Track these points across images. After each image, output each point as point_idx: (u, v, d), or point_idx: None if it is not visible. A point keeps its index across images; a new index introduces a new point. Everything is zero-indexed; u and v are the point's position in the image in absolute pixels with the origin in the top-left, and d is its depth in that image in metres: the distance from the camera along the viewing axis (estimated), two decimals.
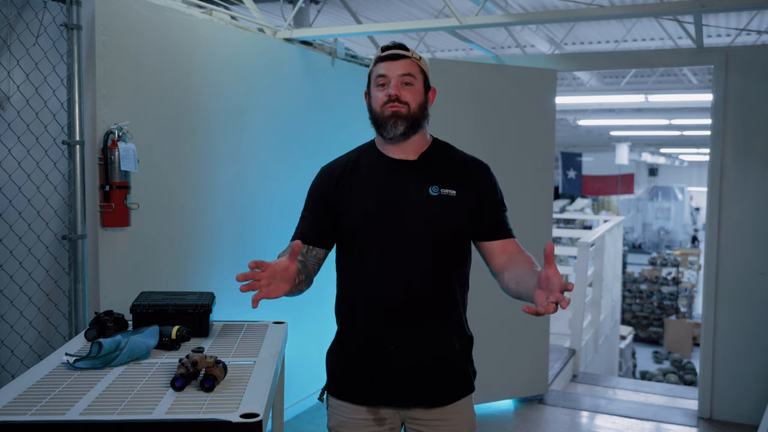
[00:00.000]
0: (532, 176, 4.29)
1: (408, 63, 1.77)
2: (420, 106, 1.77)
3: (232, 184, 3.43)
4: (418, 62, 1.80)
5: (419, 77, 1.79)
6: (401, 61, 1.77)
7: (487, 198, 1.82)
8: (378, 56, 1.80)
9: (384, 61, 1.78)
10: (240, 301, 3.45)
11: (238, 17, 3.53)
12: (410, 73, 1.76)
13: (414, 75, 1.77)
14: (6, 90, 2.61)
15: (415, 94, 1.77)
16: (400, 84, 1.75)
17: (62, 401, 1.59)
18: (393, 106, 1.74)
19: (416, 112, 1.76)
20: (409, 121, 1.75)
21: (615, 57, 4.74)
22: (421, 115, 1.78)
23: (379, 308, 1.75)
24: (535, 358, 4.41)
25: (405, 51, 1.79)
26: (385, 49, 1.80)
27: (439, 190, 1.76)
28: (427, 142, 1.85)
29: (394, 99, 1.74)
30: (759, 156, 4.01)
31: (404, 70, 1.76)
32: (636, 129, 14.67)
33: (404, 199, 1.75)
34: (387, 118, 1.75)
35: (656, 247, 24.18)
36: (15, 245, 2.54)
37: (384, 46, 1.82)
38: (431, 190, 1.75)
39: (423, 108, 1.79)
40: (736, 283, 4.09)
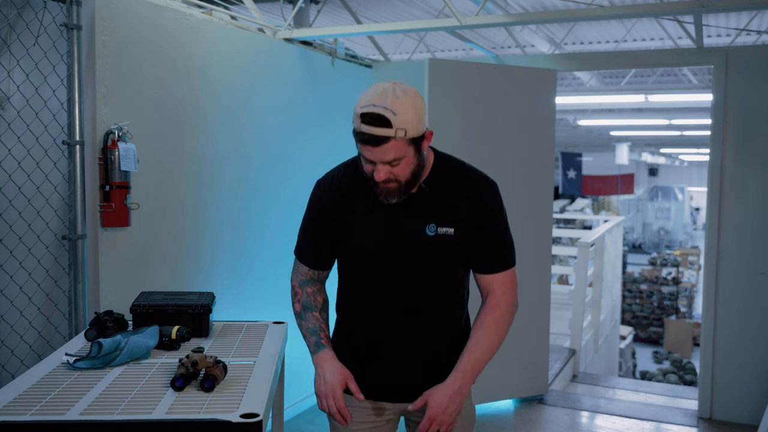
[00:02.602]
0: (532, 176, 4.29)
1: (393, 147, 1.56)
2: (413, 172, 1.64)
3: (232, 183, 3.43)
4: (404, 138, 1.56)
5: (409, 149, 1.59)
6: (384, 146, 1.56)
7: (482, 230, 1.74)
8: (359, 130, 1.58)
9: (365, 143, 1.58)
10: (240, 301, 3.46)
11: (238, 17, 3.53)
12: (397, 157, 1.58)
13: (402, 155, 1.58)
14: (6, 90, 2.61)
15: (406, 167, 1.61)
16: (386, 166, 1.60)
17: (62, 401, 1.59)
18: (383, 184, 1.63)
19: (409, 180, 1.64)
20: (401, 191, 1.65)
21: (615, 57, 4.74)
22: (416, 176, 1.65)
23: (378, 319, 1.78)
24: (535, 358, 4.41)
25: (387, 129, 1.54)
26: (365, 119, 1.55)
27: (436, 230, 1.70)
28: (429, 164, 1.73)
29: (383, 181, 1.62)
30: (759, 156, 4.01)
31: (390, 156, 1.57)
32: (636, 129, 14.67)
33: (401, 237, 1.72)
34: (377, 189, 1.65)
35: (656, 247, 24.19)
36: (15, 245, 2.54)
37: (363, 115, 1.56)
38: (428, 230, 1.71)
39: (417, 169, 1.64)
40: (736, 283, 4.08)
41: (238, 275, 3.46)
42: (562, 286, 10.03)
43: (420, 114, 1.59)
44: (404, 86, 1.62)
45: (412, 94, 1.61)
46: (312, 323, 1.79)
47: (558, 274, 12.02)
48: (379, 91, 1.58)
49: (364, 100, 1.59)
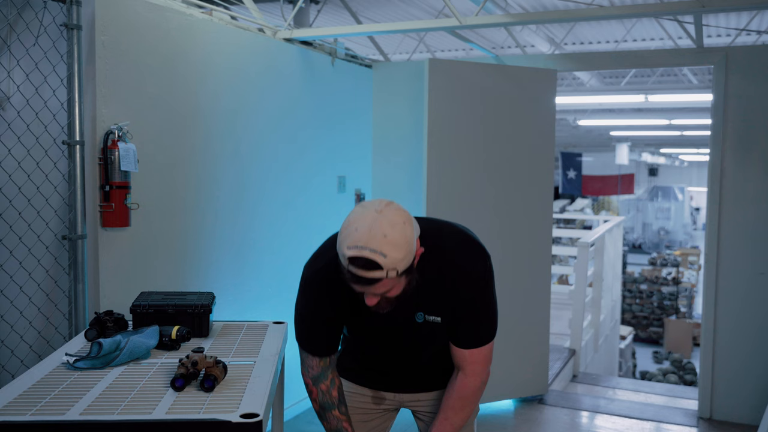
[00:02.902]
0: (532, 176, 4.29)
1: (383, 284, 1.51)
2: (405, 290, 1.58)
3: (232, 183, 3.43)
4: (395, 275, 1.50)
5: (400, 279, 1.54)
6: (374, 285, 1.51)
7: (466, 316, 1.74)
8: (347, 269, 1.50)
9: (356, 283, 1.52)
10: (240, 301, 3.46)
11: (238, 17, 3.53)
12: (387, 290, 1.54)
13: (392, 286, 1.54)
14: (6, 90, 2.61)
15: (397, 290, 1.57)
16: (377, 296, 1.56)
17: (62, 401, 1.59)
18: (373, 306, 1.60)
19: (400, 297, 1.59)
20: (391, 306, 1.62)
21: (615, 57, 4.74)
22: (407, 293, 1.60)
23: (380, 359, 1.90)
24: (535, 358, 4.41)
25: (377, 272, 1.48)
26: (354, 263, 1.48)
27: (424, 317, 1.74)
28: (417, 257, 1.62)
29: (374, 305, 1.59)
30: (759, 156, 4.00)
31: (379, 291, 1.54)
32: (636, 129, 14.67)
33: (393, 323, 1.75)
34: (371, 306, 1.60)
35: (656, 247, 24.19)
36: (15, 245, 2.54)
37: (352, 259, 1.48)
38: (417, 317, 1.75)
39: (408, 287, 1.59)
40: (736, 283, 4.08)
41: (238, 275, 3.46)
42: (562, 286, 10.03)
43: (410, 246, 1.51)
44: (391, 214, 1.51)
45: (401, 223, 1.50)
46: (334, 423, 1.82)
47: (558, 274, 12.03)
48: (366, 227, 1.48)
49: (350, 238, 1.49)
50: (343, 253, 1.50)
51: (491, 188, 4.18)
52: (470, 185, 4.09)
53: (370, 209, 1.52)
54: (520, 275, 4.25)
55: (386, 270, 1.48)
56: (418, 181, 4.38)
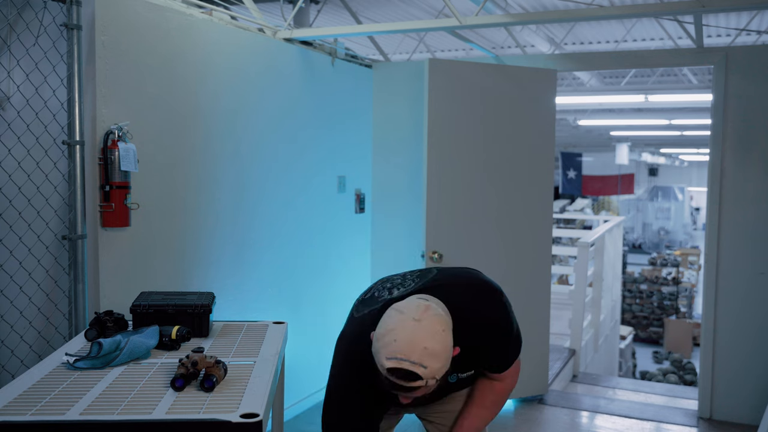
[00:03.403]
0: (532, 176, 4.29)
1: (421, 390, 1.51)
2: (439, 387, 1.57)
3: (232, 183, 3.43)
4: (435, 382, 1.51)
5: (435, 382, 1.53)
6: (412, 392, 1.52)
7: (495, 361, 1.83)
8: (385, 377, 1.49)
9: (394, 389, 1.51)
10: (240, 301, 3.46)
11: (238, 17, 3.53)
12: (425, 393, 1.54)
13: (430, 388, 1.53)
14: (6, 90, 2.61)
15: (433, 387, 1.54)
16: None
17: (62, 401, 1.59)
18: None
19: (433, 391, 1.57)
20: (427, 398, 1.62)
21: (615, 57, 4.74)
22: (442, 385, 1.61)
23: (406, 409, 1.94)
24: (535, 358, 4.41)
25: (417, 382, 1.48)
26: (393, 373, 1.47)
27: (457, 377, 1.79)
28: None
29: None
30: (759, 156, 4.00)
31: (418, 394, 1.53)
32: (636, 129, 14.66)
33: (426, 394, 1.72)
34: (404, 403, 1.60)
35: (656, 247, 24.19)
36: (15, 245, 2.54)
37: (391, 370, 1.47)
38: (450, 378, 1.78)
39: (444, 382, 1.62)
40: (736, 283, 4.08)
41: (238, 275, 3.46)
42: (562, 286, 10.03)
43: (449, 353, 1.51)
44: (430, 323, 1.50)
45: (440, 332, 1.50)
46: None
47: (558, 274, 12.02)
48: (406, 339, 1.46)
49: (390, 349, 1.47)
50: (381, 363, 1.48)
51: (491, 188, 4.18)
52: (470, 185, 4.09)
53: (408, 316, 1.50)
54: (520, 275, 4.25)
55: (426, 380, 1.48)
56: (418, 181, 4.38)
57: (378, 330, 1.52)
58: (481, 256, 4.12)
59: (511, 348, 1.83)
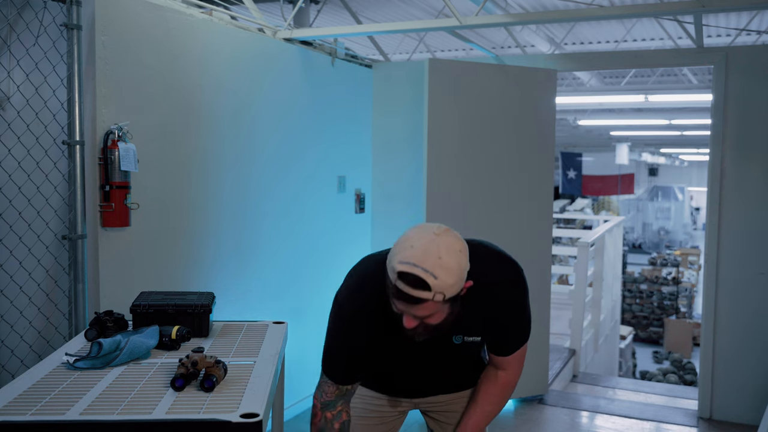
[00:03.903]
0: (532, 176, 4.29)
1: (428, 306, 1.47)
2: (446, 320, 1.53)
3: (232, 183, 3.43)
4: (442, 300, 1.47)
5: (444, 307, 1.50)
6: (419, 305, 1.47)
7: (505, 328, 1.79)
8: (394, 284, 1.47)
9: (400, 299, 1.48)
10: (240, 301, 3.46)
11: (238, 17, 3.53)
12: (430, 314, 1.50)
13: (435, 312, 1.50)
14: (6, 90, 2.61)
15: (438, 317, 1.52)
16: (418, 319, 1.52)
17: (62, 401, 1.59)
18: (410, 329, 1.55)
19: (440, 326, 1.54)
20: (429, 335, 1.57)
21: (615, 57, 4.74)
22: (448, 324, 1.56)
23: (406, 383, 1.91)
24: (535, 358, 4.41)
25: (425, 292, 1.44)
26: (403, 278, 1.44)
27: (462, 339, 1.74)
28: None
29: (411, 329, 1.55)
30: (759, 156, 4.00)
31: (422, 314, 1.49)
32: (636, 129, 14.66)
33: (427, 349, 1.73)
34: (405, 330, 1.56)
35: (656, 247, 24.19)
36: (15, 245, 2.54)
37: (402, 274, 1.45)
38: (455, 339, 1.74)
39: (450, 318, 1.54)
40: (736, 283, 4.08)
41: (237, 275, 3.46)
42: (562, 286, 10.03)
43: (462, 275, 1.48)
44: (449, 240, 1.48)
45: (457, 251, 1.48)
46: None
47: (558, 274, 12.02)
48: (422, 248, 1.45)
49: (404, 254, 1.46)
50: (393, 267, 1.46)
51: (491, 188, 4.18)
52: (470, 185, 4.09)
53: (429, 231, 1.49)
54: None
55: (434, 292, 1.44)
56: (418, 181, 4.38)
57: (396, 242, 1.51)
58: None
59: (521, 326, 1.80)
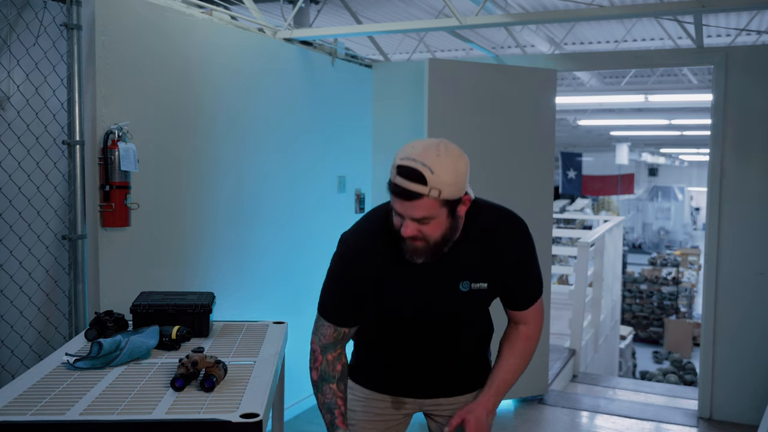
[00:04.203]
0: (532, 176, 4.29)
1: (423, 204, 1.49)
2: (444, 235, 1.56)
3: (232, 183, 3.43)
4: (437, 199, 1.49)
5: (442, 211, 1.52)
6: (415, 202, 1.49)
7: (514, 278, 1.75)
8: (393, 181, 1.51)
9: (398, 196, 1.51)
10: (240, 301, 3.46)
11: (238, 17, 3.53)
12: (427, 216, 1.51)
13: (433, 216, 1.51)
14: (6, 90, 2.61)
15: (436, 228, 1.54)
16: (415, 223, 1.53)
17: (62, 401, 1.59)
18: (410, 241, 1.57)
19: (438, 242, 1.57)
20: (429, 252, 1.58)
21: (615, 57, 4.74)
22: (447, 240, 1.58)
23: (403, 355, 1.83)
24: (535, 358, 4.39)
25: (420, 186, 1.47)
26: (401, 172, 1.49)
27: (470, 286, 1.70)
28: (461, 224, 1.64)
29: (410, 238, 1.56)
30: (759, 156, 4.00)
31: (419, 215, 1.50)
32: (636, 129, 14.67)
33: (434, 296, 1.71)
34: (405, 246, 1.59)
35: (656, 247, 24.19)
36: (15, 245, 2.54)
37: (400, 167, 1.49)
38: (462, 286, 1.69)
39: (449, 232, 1.57)
40: (736, 283, 4.08)
41: (238, 275, 3.46)
42: (562, 286, 10.03)
43: (460, 177, 1.52)
44: (451, 146, 1.54)
45: (456, 155, 1.52)
46: (329, 397, 1.77)
47: (558, 274, 12.02)
48: (423, 146, 1.51)
49: (405, 152, 1.51)
50: (394, 165, 1.51)
51: (491, 188, 4.16)
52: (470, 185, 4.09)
53: (433, 138, 1.58)
54: None
55: (430, 187, 1.47)
56: None
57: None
58: None
59: (530, 275, 1.76)
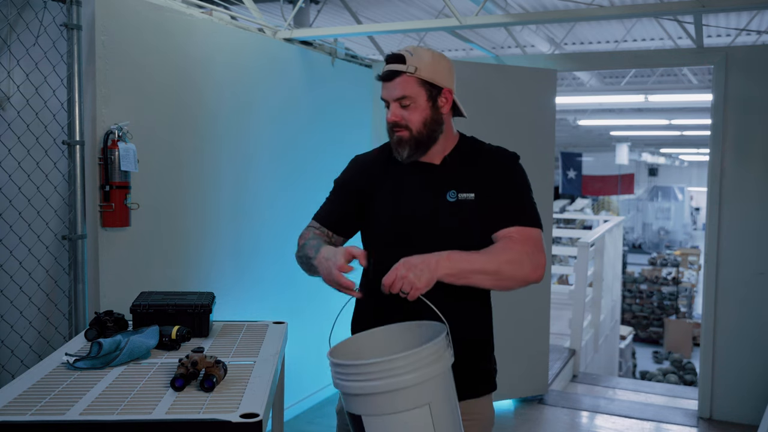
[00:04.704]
0: (532, 176, 4.26)
1: (403, 82, 1.67)
2: (425, 123, 1.69)
3: (232, 183, 3.43)
4: (415, 74, 1.66)
5: (420, 92, 1.68)
6: (396, 80, 1.68)
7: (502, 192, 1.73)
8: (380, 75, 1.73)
9: (382, 80, 1.71)
10: (240, 301, 3.46)
11: (238, 17, 3.53)
12: (405, 95, 1.68)
13: (411, 95, 1.68)
14: (6, 90, 2.61)
15: (417, 113, 1.69)
16: (398, 107, 1.69)
17: (62, 401, 1.59)
18: (395, 131, 1.72)
19: (421, 132, 1.70)
20: (412, 144, 1.70)
21: (615, 57, 4.74)
22: (429, 132, 1.71)
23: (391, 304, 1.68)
24: (535, 358, 4.41)
25: (400, 65, 1.67)
26: (387, 59, 1.71)
27: (456, 195, 1.71)
28: (453, 140, 1.80)
29: (394, 124, 1.71)
30: (759, 156, 4.01)
31: (399, 92, 1.68)
32: (636, 129, 14.68)
33: (420, 207, 1.72)
34: (393, 142, 1.74)
35: (656, 247, 24.19)
36: (15, 245, 2.54)
37: (387, 56, 1.72)
38: (449, 196, 1.72)
39: (431, 123, 1.70)
40: (736, 283, 4.08)
41: (238, 275, 3.46)
42: (562, 286, 10.03)
43: (438, 64, 1.69)
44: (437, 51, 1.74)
45: (439, 53, 1.73)
46: (314, 240, 1.77)
47: (558, 274, 12.02)
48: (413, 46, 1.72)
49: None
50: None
51: None
52: None
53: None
54: None
55: (408, 64, 1.65)
56: None
57: None
58: None
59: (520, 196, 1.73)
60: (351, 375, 1.47)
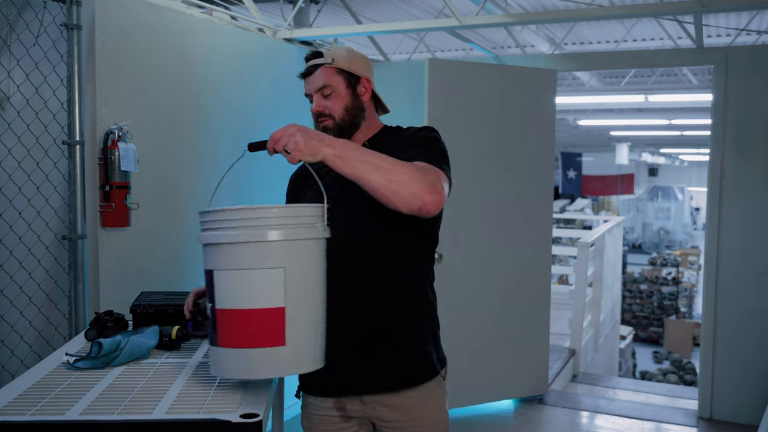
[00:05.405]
0: (532, 176, 4.29)
1: (322, 73, 1.77)
2: (347, 109, 1.80)
3: (231, 183, 3.43)
4: (331, 65, 1.76)
5: (339, 80, 1.78)
6: (315, 73, 1.77)
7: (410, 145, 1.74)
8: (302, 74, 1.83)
9: (303, 76, 1.80)
10: None
11: (238, 17, 3.53)
12: (325, 84, 1.77)
13: (331, 84, 1.78)
14: (6, 90, 2.61)
15: (338, 101, 1.79)
16: (320, 98, 1.79)
17: (62, 401, 1.59)
18: (320, 121, 1.81)
19: (344, 119, 1.80)
20: (336, 131, 1.80)
21: (615, 57, 4.74)
22: (351, 117, 1.81)
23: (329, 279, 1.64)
24: (535, 358, 4.41)
25: (319, 59, 1.77)
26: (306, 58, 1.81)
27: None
28: (376, 128, 1.89)
29: (319, 114, 1.80)
30: (759, 156, 4.01)
31: (320, 82, 1.77)
32: (636, 129, 14.68)
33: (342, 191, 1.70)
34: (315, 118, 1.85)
35: (656, 247, 24.18)
36: (15, 245, 2.54)
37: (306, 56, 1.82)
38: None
39: (352, 109, 1.81)
40: (736, 283, 4.08)
41: None
42: (562, 286, 10.03)
43: (355, 57, 1.80)
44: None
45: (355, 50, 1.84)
46: None
47: (558, 274, 12.02)
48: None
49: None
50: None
51: (491, 188, 4.17)
52: (470, 185, 4.09)
53: None
54: (520, 275, 4.25)
55: (326, 56, 1.75)
56: None
57: None
58: (481, 256, 4.12)
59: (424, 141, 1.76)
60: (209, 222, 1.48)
